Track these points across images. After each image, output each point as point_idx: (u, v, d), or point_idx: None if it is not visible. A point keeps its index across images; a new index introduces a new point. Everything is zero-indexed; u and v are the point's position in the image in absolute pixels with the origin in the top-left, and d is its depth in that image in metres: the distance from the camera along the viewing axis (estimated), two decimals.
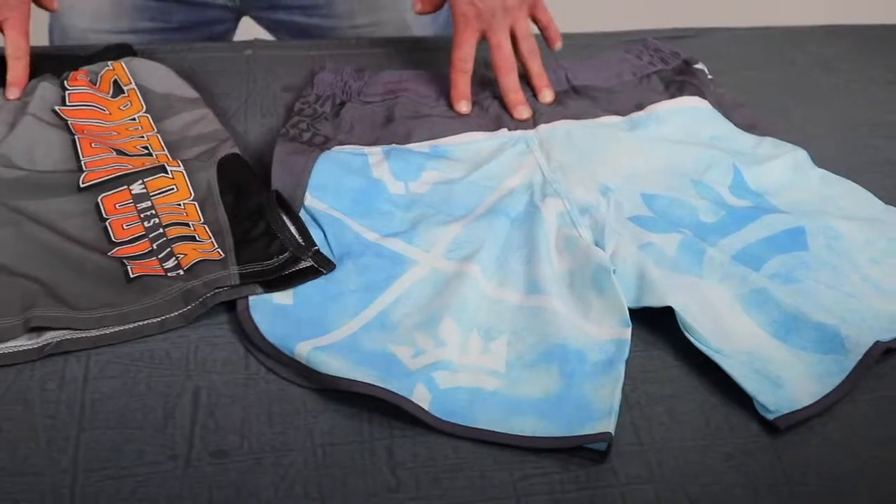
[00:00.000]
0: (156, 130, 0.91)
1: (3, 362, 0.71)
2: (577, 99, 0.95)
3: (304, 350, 0.70)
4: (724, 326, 0.73)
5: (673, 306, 0.73)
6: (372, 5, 1.14)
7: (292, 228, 0.79)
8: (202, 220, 0.82)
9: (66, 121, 0.90)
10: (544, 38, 0.96)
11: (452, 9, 0.93)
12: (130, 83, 0.94)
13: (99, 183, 0.84)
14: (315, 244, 0.78)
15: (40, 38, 1.00)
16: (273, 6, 1.15)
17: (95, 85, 0.94)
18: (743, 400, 0.69)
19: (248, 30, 1.18)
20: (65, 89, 0.93)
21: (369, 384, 0.67)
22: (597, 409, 0.67)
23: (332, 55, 1.01)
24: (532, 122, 0.92)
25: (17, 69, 0.92)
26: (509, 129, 0.91)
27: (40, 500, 0.62)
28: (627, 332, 0.72)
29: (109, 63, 0.95)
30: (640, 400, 0.69)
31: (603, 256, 0.77)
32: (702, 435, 0.67)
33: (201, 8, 1.14)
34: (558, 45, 0.97)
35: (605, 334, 0.72)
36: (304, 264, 0.77)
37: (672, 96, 0.94)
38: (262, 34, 1.08)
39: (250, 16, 1.17)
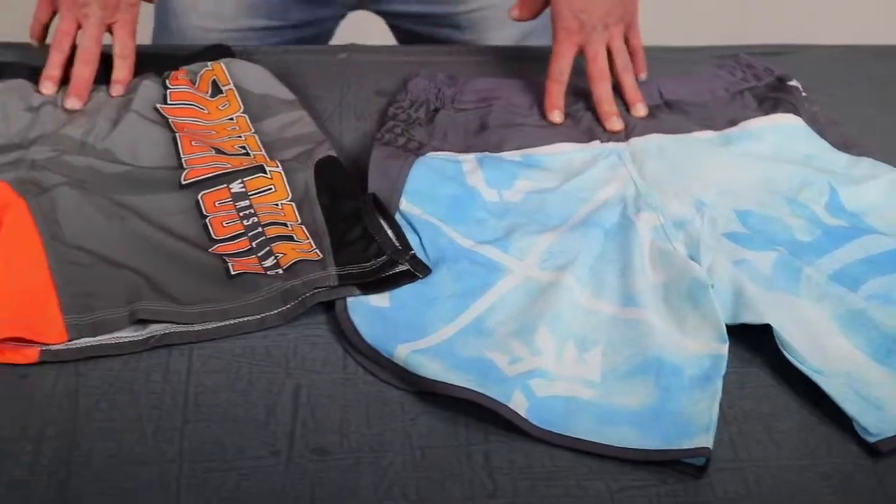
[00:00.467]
0: (253, 131, 0.93)
1: (110, 352, 0.73)
2: (669, 113, 0.95)
3: (403, 353, 0.71)
4: (821, 346, 0.73)
5: (771, 324, 0.72)
6: (503, 17, 1.14)
7: (389, 232, 0.80)
8: (299, 220, 0.83)
9: (167, 119, 0.93)
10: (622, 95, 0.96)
11: (554, 21, 0.94)
12: (229, 84, 0.96)
13: (199, 181, 0.86)
14: (411, 248, 0.79)
15: (142, 38, 1.02)
16: (398, 14, 1.16)
17: (195, 84, 0.96)
18: (841, 421, 0.69)
19: (343, 35, 1.20)
20: (166, 88, 0.95)
21: (467, 389, 0.68)
22: (695, 423, 0.67)
23: (424, 62, 1.02)
24: (624, 135, 0.92)
25: (124, 68, 0.94)
26: (601, 141, 0.91)
27: (148, 488, 0.64)
28: (724, 348, 0.72)
29: (209, 63, 0.97)
30: (737, 416, 0.69)
31: (700, 271, 0.77)
32: (800, 454, 0.67)
33: (321, 5, 1.15)
34: (643, 75, 0.98)
35: (701, 349, 0.72)
36: (400, 268, 0.78)
37: (766, 113, 0.94)
38: (358, 38, 1.08)
39: (369, 9, 1.19)
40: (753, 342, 0.74)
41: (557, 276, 0.78)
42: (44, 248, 0.78)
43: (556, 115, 0.93)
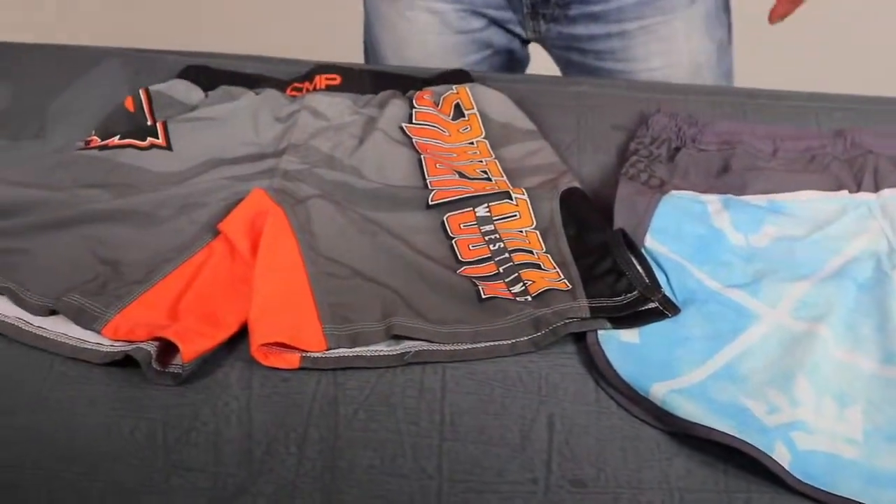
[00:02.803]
0: (494, 157, 0.94)
1: (367, 364, 0.74)
2: None
3: (659, 391, 0.71)
4: None
5: None
6: (668, 48, 1.15)
7: (639, 268, 0.80)
8: (544, 248, 0.83)
9: (411, 139, 0.95)
10: None
11: None
12: (472, 108, 0.98)
13: (446, 202, 0.87)
14: (660, 286, 0.79)
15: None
16: (569, 47, 1.17)
17: (437, 106, 0.98)
18: None
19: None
20: (412, 107, 0.97)
21: (730, 435, 0.67)
22: None
23: (658, 98, 1.02)
24: (873, 185, 0.89)
25: None
26: (850, 192, 0.89)
27: (409, 501, 0.65)
28: None
29: (454, 87, 0.99)
30: None
31: None
32: None
33: (508, 34, 1.17)
34: None
35: None
36: (650, 305, 0.77)
37: None
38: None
39: (544, 46, 1.20)
40: None
41: (812, 326, 0.76)
42: (301, 256, 0.81)
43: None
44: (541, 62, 1.25)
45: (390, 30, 1.20)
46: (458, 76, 1.02)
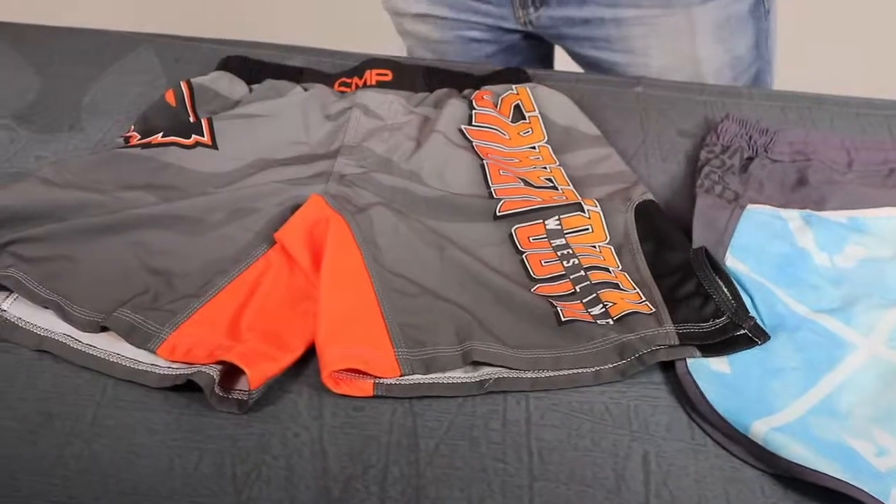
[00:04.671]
0: (558, 163, 0.89)
1: (444, 392, 0.70)
2: None
3: (760, 430, 0.66)
4: None
5: None
6: (668, 46, 1.09)
7: (726, 291, 0.76)
8: (620, 266, 0.79)
9: (471, 142, 0.89)
10: None
11: None
12: (534, 110, 0.93)
13: (514, 213, 0.82)
14: (748, 311, 0.74)
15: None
16: (562, 35, 1.12)
17: (496, 107, 0.93)
18: None
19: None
20: (472, 108, 0.92)
21: (842, 481, 0.63)
22: None
23: (721, 102, 0.97)
24: None
25: None
26: None
27: None
28: None
29: (514, 87, 0.94)
30: None
31: None
32: None
33: (493, 31, 1.14)
34: None
35: None
36: (740, 331, 0.73)
37: None
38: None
39: (541, 38, 1.16)
40: None
41: None
42: (367, 270, 0.76)
43: None
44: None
45: (405, 37, 1.19)
46: (514, 74, 0.97)
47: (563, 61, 1.21)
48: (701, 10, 1.04)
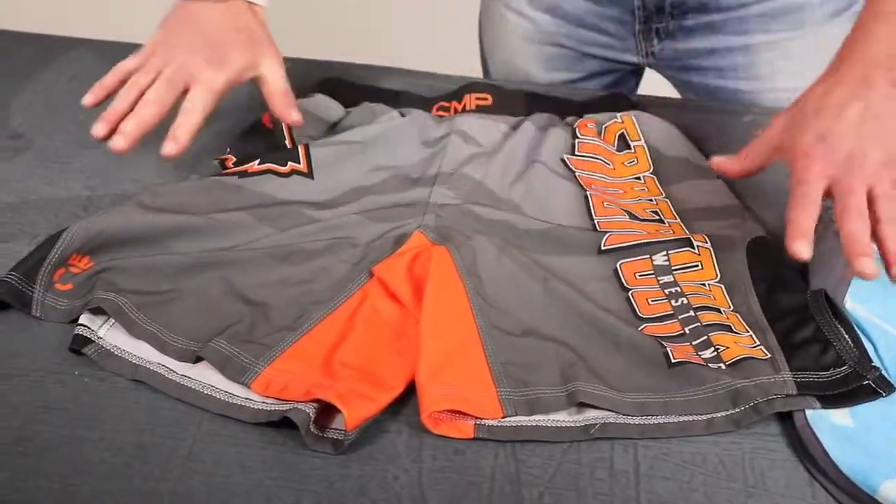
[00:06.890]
0: (664, 195, 0.85)
1: (548, 437, 0.67)
2: None
3: (891, 492, 0.62)
4: None
5: None
6: (796, 68, 1.04)
7: (847, 337, 0.71)
8: (731, 307, 0.75)
9: (574, 172, 0.86)
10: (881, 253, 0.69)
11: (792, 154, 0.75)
12: (639, 139, 0.89)
13: (619, 248, 0.79)
14: (871, 359, 0.70)
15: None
16: (686, 67, 1.08)
17: (600, 136, 0.90)
18: None
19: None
20: (575, 137, 0.89)
21: None
22: None
23: None
24: None
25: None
26: None
27: None
28: None
29: (619, 115, 0.91)
30: None
31: None
32: None
33: (611, 63, 1.10)
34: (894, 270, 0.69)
35: None
36: (863, 382, 0.69)
37: None
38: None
39: (659, 70, 1.12)
40: None
41: None
42: (469, 303, 0.73)
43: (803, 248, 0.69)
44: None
45: (490, 24, 1.14)
46: (617, 100, 0.94)
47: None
48: (831, 25, 1.00)
